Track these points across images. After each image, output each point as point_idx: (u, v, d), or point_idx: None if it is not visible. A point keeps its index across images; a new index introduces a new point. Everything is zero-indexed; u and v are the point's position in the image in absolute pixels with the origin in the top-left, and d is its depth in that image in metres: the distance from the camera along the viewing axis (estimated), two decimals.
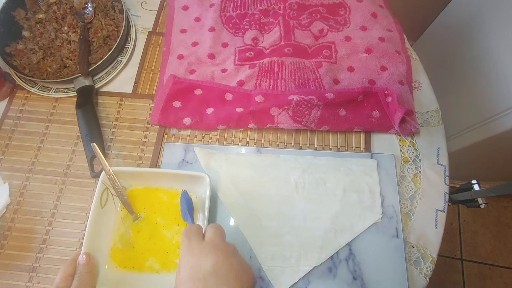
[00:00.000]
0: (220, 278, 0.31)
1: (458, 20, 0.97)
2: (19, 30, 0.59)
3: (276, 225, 0.48)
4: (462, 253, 1.20)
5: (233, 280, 0.31)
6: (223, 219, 0.49)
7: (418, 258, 0.47)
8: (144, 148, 0.54)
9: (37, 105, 0.57)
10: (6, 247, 0.48)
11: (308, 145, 0.55)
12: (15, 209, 0.50)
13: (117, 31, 0.60)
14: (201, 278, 0.31)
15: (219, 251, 0.33)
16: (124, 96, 0.58)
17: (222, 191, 0.50)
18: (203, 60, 0.60)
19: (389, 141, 0.55)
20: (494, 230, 1.23)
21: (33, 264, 0.47)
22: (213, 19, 0.63)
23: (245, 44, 0.62)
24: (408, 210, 0.50)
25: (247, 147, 0.54)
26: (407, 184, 0.52)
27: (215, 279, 0.31)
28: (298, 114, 0.53)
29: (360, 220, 0.48)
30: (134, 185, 0.48)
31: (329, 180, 0.50)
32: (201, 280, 0.30)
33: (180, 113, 0.55)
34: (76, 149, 0.54)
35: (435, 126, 0.56)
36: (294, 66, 0.58)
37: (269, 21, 0.64)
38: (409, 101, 0.56)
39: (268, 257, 0.46)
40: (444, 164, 0.53)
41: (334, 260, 0.46)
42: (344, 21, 0.64)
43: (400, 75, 0.57)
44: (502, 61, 0.79)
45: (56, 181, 0.52)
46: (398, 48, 0.61)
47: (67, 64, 0.58)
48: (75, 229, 0.49)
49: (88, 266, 0.39)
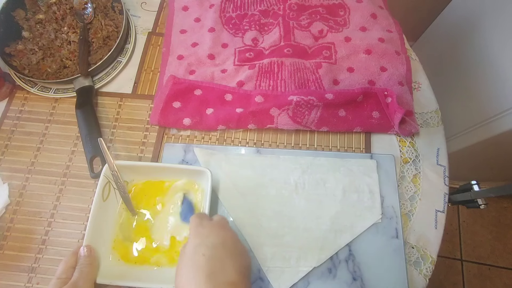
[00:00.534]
0: (227, 249, 0.34)
1: (457, 21, 0.97)
2: (18, 31, 0.59)
3: (276, 225, 0.48)
4: (462, 254, 1.20)
5: (235, 255, 0.35)
6: None
7: (417, 258, 0.47)
8: (144, 148, 0.54)
9: (36, 106, 0.57)
10: (5, 247, 0.48)
11: (307, 146, 0.55)
12: (15, 209, 0.50)
13: (117, 32, 0.60)
14: (210, 245, 0.34)
15: (226, 230, 0.38)
16: (123, 97, 0.58)
17: (221, 191, 0.50)
18: (203, 61, 0.60)
19: (389, 142, 0.55)
20: (493, 230, 1.23)
21: (32, 265, 0.47)
22: (213, 20, 0.64)
23: (245, 45, 0.62)
24: (408, 211, 0.50)
25: (247, 148, 0.54)
26: (406, 184, 0.52)
27: (222, 249, 0.34)
28: (297, 114, 0.53)
29: (359, 220, 0.48)
30: (136, 179, 0.48)
31: (329, 180, 0.50)
32: (210, 247, 0.34)
33: (179, 114, 0.55)
34: (75, 149, 0.54)
35: (435, 127, 0.56)
36: (294, 67, 0.58)
37: (269, 22, 0.64)
38: (408, 101, 0.56)
39: (267, 257, 0.46)
40: (443, 164, 0.53)
41: (333, 261, 0.46)
42: (344, 22, 0.64)
43: (400, 76, 0.57)
44: (501, 62, 0.79)
45: (56, 181, 0.52)
46: (398, 49, 0.61)
47: (67, 65, 0.58)
48: (75, 229, 0.49)
49: (89, 258, 0.39)
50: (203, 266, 0.32)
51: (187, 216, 0.41)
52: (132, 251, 0.44)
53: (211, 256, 0.33)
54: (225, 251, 0.34)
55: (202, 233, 0.36)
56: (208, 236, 0.35)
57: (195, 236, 0.35)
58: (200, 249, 0.33)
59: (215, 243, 0.34)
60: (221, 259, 0.33)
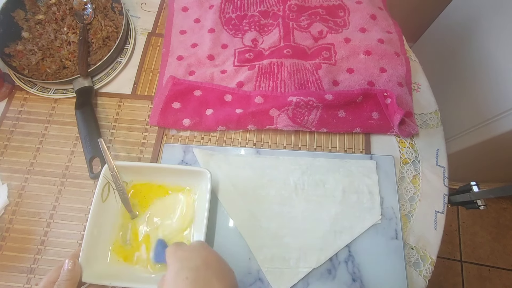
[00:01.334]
0: (211, 270, 0.31)
1: (457, 22, 0.97)
2: (18, 31, 0.59)
3: (275, 226, 0.48)
4: (461, 255, 1.20)
5: (221, 275, 0.32)
6: (222, 220, 0.48)
7: (417, 259, 0.47)
8: (144, 149, 0.54)
9: (36, 106, 0.57)
10: (4, 248, 0.48)
11: (307, 147, 0.55)
12: (14, 210, 0.50)
13: (117, 32, 0.60)
14: (193, 267, 0.31)
15: (208, 250, 0.35)
16: (123, 97, 0.58)
17: (221, 192, 0.50)
18: (202, 61, 0.60)
19: (389, 143, 0.55)
20: (493, 231, 1.23)
21: (31, 266, 0.47)
22: (213, 21, 0.64)
23: (245, 46, 0.62)
24: (408, 212, 0.50)
25: (246, 148, 0.54)
26: (406, 185, 0.52)
27: (206, 270, 0.31)
28: (297, 115, 0.53)
29: (359, 221, 0.48)
30: (136, 180, 0.48)
31: (329, 181, 0.50)
32: (193, 269, 0.31)
33: (179, 114, 0.55)
34: (75, 150, 0.54)
35: (434, 128, 0.56)
36: (294, 68, 0.58)
37: (269, 23, 0.64)
38: (408, 102, 0.56)
39: (267, 258, 0.46)
40: (443, 165, 0.53)
41: (333, 262, 0.46)
42: (344, 23, 0.64)
43: (399, 77, 0.57)
44: (501, 63, 0.79)
45: (55, 182, 0.52)
46: (397, 50, 0.61)
47: (67, 65, 0.58)
48: (74, 230, 0.49)
49: (70, 274, 0.37)
50: None
51: (161, 255, 0.41)
52: (132, 252, 0.44)
53: (195, 279, 0.30)
54: (210, 271, 0.31)
55: (181, 256, 0.32)
56: (189, 259, 0.32)
57: (175, 261, 0.32)
58: (183, 273, 0.30)
59: (198, 265, 0.31)
60: (207, 281, 0.30)
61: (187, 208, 0.46)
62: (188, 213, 0.46)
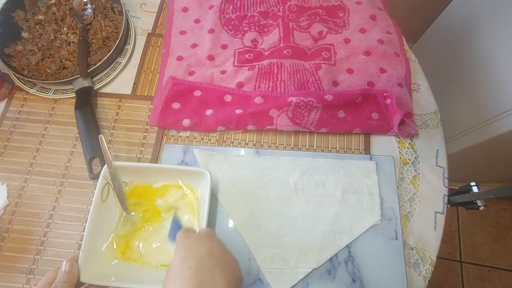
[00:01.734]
0: (214, 260, 0.33)
1: (457, 22, 0.97)
2: (18, 31, 0.59)
3: (275, 227, 0.48)
4: (461, 255, 1.20)
5: (225, 265, 0.33)
6: (222, 220, 0.48)
7: (417, 260, 0.47)
8: (143, 149, 0.54)
9: (36, 106, 0.57)
10: (4, 248, 0.48)
11: (307, 147, 0.55)
12: (13, 210, 0.50)
13: (117, 33, 0.60)
14: (197, 256, 0.32)
15: (214, 240, 0.36)
16: (123, 98, 0.58)
17: (221, 192, 0.50)
18: (202, 62, 0.60)
19: (388, 143, 0.55)
20: (493, 232, 1.23)
21: (30, 266, 0.47)
22: (213, 21, 0.64)
23: (245, 46, 0.62)
24: (407, 212, 0.50)
25: (246, 149, 0.54)
26: (406, 186, 0.52)
27: (210, 260, 0.33)
28: (297, 116, 0.53)
29: (359, 222, 0.48)
30: (135, 180, 0.48)
31: (328, 182, 0.50)
32: (197, 258, 0.32)
33: (179, 115, 0.55)
34: (74, 150, 0.54)
35: (434, 128, 0.56)
36: (293, 68, 0.58)
37: (269, 23, 0.64)
38: (408, 103, 0.56)
39: (267, 259, 0.46)
40: (443, 166, 0.53)
41: (333, 262, 0.46)
42: (343, 23, 0.64)
43: (399, 77, 0.57)
44: (500, 63, 0.79)
45: (55, 182, 0.52)
46: (397, 50, 0.61)
47: (66, 65, 0.58)
48: (73, 230, 0.49)
49: (67, 275, 0.37)
50: (190, 279, 0.30)
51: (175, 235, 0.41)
52: (132, 251, 0.44)
53: (197, 268, 0.31)
54: (213, 261, 0.32)
55: (188, 245, 0.34)
56: (194, 248, 0.34)
57: (181, 249, 0.34)
58: (187, 261, 0.32)
59: (202, 254, 0.33)
60: (210, 270, 0.31)
61: (187, 208, 0.46)
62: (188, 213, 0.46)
